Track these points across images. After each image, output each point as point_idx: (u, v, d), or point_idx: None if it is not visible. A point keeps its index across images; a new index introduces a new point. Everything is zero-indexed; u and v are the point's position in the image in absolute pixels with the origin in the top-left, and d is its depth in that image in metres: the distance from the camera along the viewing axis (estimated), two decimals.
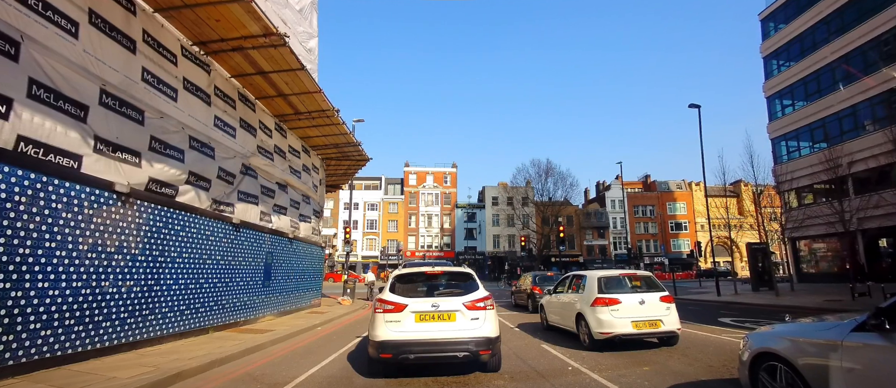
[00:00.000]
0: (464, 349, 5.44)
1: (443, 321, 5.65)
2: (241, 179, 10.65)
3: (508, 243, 60.52)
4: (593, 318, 7.59)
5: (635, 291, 8.00)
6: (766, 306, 16.67)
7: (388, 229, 58.83)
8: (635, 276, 8.64)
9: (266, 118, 12.11)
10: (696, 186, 71.31)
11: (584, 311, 7.93)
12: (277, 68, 9.75)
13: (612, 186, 68.01)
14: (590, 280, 8.33)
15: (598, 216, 65.07)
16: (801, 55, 28.16)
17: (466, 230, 59.81)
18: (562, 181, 57.43)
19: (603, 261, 63.24)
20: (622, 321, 7.40)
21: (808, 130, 27.18)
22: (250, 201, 11.12)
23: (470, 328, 5.63)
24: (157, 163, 7.68)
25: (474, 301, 5.82)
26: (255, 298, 11.28)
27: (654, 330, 7.49)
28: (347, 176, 20.91)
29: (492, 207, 61.02)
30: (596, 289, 7.91)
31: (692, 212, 69.45)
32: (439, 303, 5.78)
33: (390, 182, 61.98)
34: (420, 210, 59.85)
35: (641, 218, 67.70)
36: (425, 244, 59.03)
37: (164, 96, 7.97)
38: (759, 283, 24.48)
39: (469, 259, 57.90)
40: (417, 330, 5.56)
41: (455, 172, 62.19)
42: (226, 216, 9.96)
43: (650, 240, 66.99)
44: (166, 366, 6.04)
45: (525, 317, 13.57)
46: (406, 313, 5.64)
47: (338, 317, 13.54)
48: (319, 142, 15.25)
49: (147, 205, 7.54)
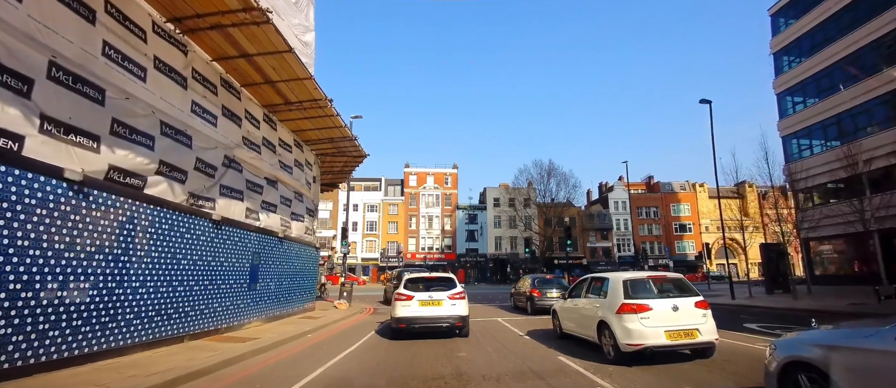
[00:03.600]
0: (446, 322, 9.29)
1: (435, 306, 9.39)
2: (223, 173, 9.74)
3: (510, 245, 59.55)
4: (620, 327, 6.64)
5: (666, 295, 7.01)
6: (789, 310, 15.73)
7: (388, 230, 57.90)
8: (665, 278, 7.60)
9: (253, 108, 11.22)
10: (699, 187, 70.41)
11: (607, 319, 7.00)
12: (262, 50, 8.86)
13: (615, 187, 67.06)
14: (614, 284, 7.37)
15: (601, 218, 64.10)
16: (812, 51, 27.23)
17: (468, 232, 58.85)
18: (564, 182, 56.55)
19: (606, 263, 62.21)
20: (654, 331, 6.43)
21: (822, 127, 26.22)
22: (234, 197, 10.21)
23: (450, 310, 9.36)
24: (120, 149, 6.77)
25: (453, 294, 9.60)
26: (240, 302, 10.35)
27: (691, 341, 6.52)
28: (344, 174, 20.01)
29: (493, 208, 60.07)
30: (622, 294, 6.96)
31: (696, 213, 68.52)
32: (433, 295, 9.54)
33: (390, 183, 61.09)
34: (420, 212, 58.92)
35: (645, 219, 66.72)
36: (426, 246, 58.07)
37: (131, 75, 7.07)
38: (774, 285, 23.51)
39: (470, 261, 56.98)
40: (420, 311, 9.32)
41: (456, 174, 61.30)
42: (205, 212, 9.04)
43: (654, 242, 65.99)
44: (118, 384, 5.12)
45: (530, 322, 12.74)
46: (414, 301, 9.40)
47: (332, 323, 12.60)
48: (313, 136, 14.35)
49: (107, 196, 6.63)
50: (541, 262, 55.55)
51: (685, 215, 68.10)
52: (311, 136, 14.33)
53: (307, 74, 9.91)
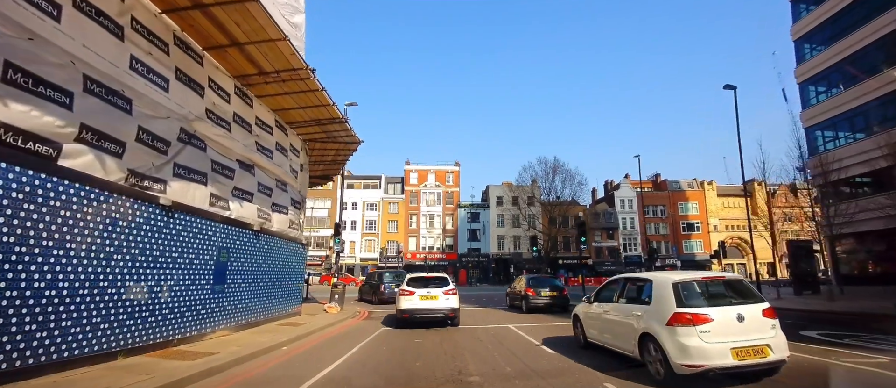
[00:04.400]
0: (441, 313, 11.34)
1: (432, 300, 11.40)
2: (179, 149, 8.04)
3: (514, 245, 57.75)
4: (672, 343, 5.37)
5: (726, 301, 5.70)
6: (835, 314, 13.99)
7: (387, 229, 56.17)
8: (721, 280, 6.21)
9: (221, 78, 9.52)
10: (707, 185, 68.56)
11: (654, 331, 5.69)
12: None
13: (621, 185, 65.28)
14: (660, 287, 6.00)
15: (607, 217, 62.27)
16: (839, 36, 25.44)
17: (470, 231, 57.06)
18: (570, 179, 54.69)
19: (612, 263, 60.46)
20: (718, 348, 5.14)
21: (854, 115, 24.38)
22: (195, 180, 8.51)
23: (445, 303, 11.39)
24: (16, 102, 5.07)
25: (447, 290, 11.63)
26: (201, 307, 8.64)
27: (762, 360, 5.19)
28: (337, 164, 18.29)
29: (496, 207, 58.29)
30: (672, 300, 5.64)
31: (704, 212, 66.70)
32: (431, 291, 11.54)
33: (390, 181, 59.37)
34: (421, 210, 57.17)
35: (652, 218, 64.90)
36: (427, 246, 56.30)
37: (37, 10, 5.37)
38: (803, 286, 21.72)
39: (472, 261, 55.21)
40: (421, 304, 11.31)
41: (458, 171, 59.55)
42: (151, 196, 7.33)
43: (662, 241, 64.17)
44: None
45: (545, 328, 11.37)
46: (415, 295, 11.40)
47: (317, 330, 10.90)
48: (297, 117, 12.65)
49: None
50: (546, 262, 53.77)
51: (693, 213, 66.29)
52: (295, 116, 12.63)
53: (280, 33, 8.19)
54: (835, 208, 20.96)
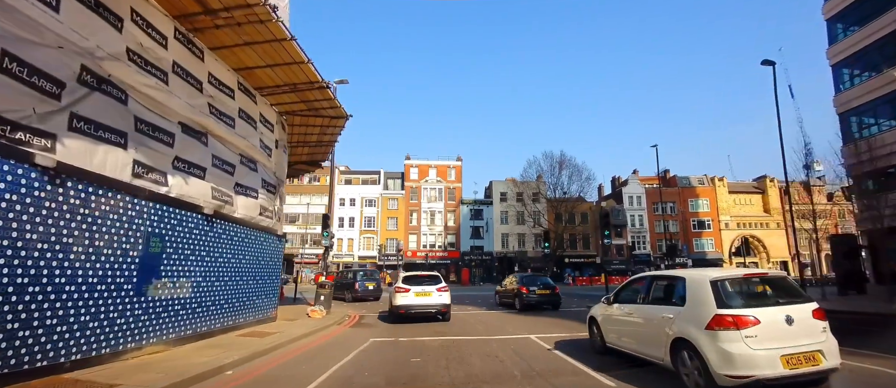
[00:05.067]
0: (435, 309, 12.15)
1: (426, 296, 12.16)
2: (81, 95, 5.82)
3: (518, 243, 55.44)
4: (714, 349, 4.76)
5: (772, 302, 5.16)
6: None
7: (387, 226, 53.91)
8: (763, 277, 5.64)
9: (152, 13, 7.29)
10: (718, 181, 66.12)
11: (690, 336, 5.08)
12: None
13: (629, 181, 62.95)
14: (696, 285, 5.39)
15: (615, 213, 59.84)
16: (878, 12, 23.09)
17: (472, 229, 54.73)
18: (577, 175, 52.42)
19: (620, 262, 58.17)
20: (766, 355, 4.57)
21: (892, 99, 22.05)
22: (107, 140, 6.28)
23: (437, 299, 12.20)
24: None
25: (439, 288, 12.43)
26: (116, 315, 6.41)
27: (814, 369, 4.63)
28: (324, 146, 16.03)
29: (500, 203, 55.98)
30: (712, 300, 5.05)
31: (715, 209, 64.31)
32: (425, 288, 12.31)
33: (390, 176, 57.12)
34: (422, 207, 54.89)
35: (661, 215, 62.40)
36: (427, 244, 53.99)
37: None
38: (847, 285, 19.41)
39: (475, 260, 52.90)
40: (416, 300, 12.04)
41: (460, 166, 57.25)
42: (24, 151, 5.11)
43: (671, 239, 61.74)
44: None
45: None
46: (411, 292, 12.10)
47: (287, 343, 8.69)
48: (266, 79, 10.42)
49: None
50: (552, 260, 51.51)
51: (704, 210, 63.88)
52: (263, 79, 10.40)
53: None
54: (884, 198, 18.61)
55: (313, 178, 54.77)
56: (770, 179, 71.08)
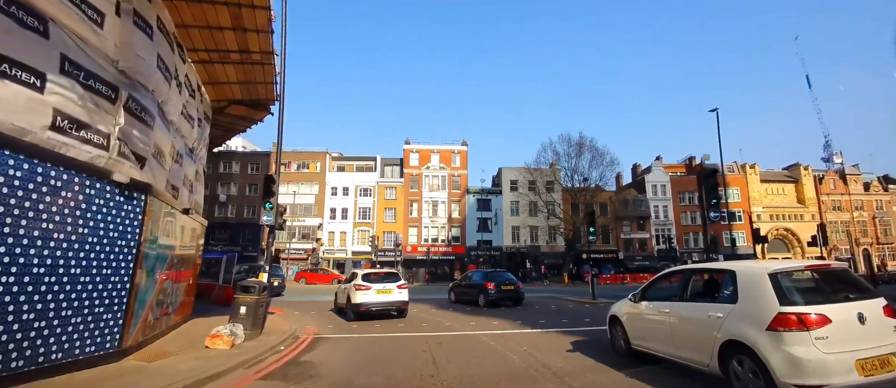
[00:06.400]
0: (395, 306, 12.28)
1: (387, 294, 12.13)
2: None
3: (530, 236, 49.86)
4: (779, 354, 4.04)
5: (841, 297, 4.37)
6: None
7: (384, 218, 48.44)
8: (826, 269, 4.84)
9: None
10: (750, 168, 60.22)
11: (747, 338, 4.31)
12: None
13: (653, 169, 57.19)
14: (750, 279, 4.60)
15: (637, 204, 54.16)
16: None
17: (479, 221, 49.17)
18: (598, 159, 46.65)
19: (644, 258, 52.50)
20: (840, 360, 3.90)
21: None
22: None
23: (398, 296, 12.25)
24: None
25: (398, 285, 12.47)
26: None
27: (889, 376, 3.89)
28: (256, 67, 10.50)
29: (510, 192, 50.39)
30: (772, 296, 4.29)
31: (747, 199, 58.48)
32: (386, 286, 12.23)
33: (387, 163, 51.61)
34: (423, 196, 49.37)
35: (687, 206, 56.76)
36: (429, 237, 48.47)
37: None
38: None
39: (483, 256, 47.35)
40: (377, 298, 11.97)
41: (465, 151, 51.68)
42: None
43: (698, 232, 56.01)
44: None
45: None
46: (372, 290, 11.98)
47: None
48: None
49: None
50: (570, 256, 45.98)
51: (734, 201, 58.01)
52: None
53: None
54: None
55: (302, 164, 49.41)
56: (804, 166, 65.28)
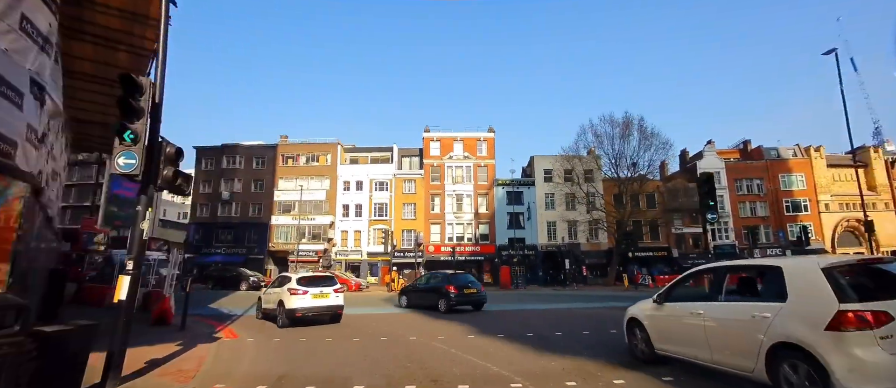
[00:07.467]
0: (331, 311, 11.96)
1: (324, 298, 11.76)
2: None
3: (568, 233, 43.86)
4: (841, 357, 3.76)
5: None
6: None
7: (403, 215, 43.08)
8: (880, 263, 4.71)
9: None
10: (815, 151, 52.84)
11: (802, 339, 4.08)
12: None
13: (704, 155, 50.51)
14: (801, 275, 4.44)
15: (689, 195, 47.54)
16: None
17: (510, 216, 43.39)
18: (646, 142, 40.36)
19: (698, 256, 45.88)
20: None
21: None
22: None
23: (334, 301, 11.97)
24: None
25: (335, 289, 12.14)
26: None
27: None
28: None
29: (544, 183, 44.48)
30: (830, 292, 4.07)
31: (813, 187, 51.16)
32: (322, 290, 11.83)
33: (405, 154, 46.24)
34: (446, 189, 43.82)
35: (745, 196, 49.92)
36: (454, 236, 42.91)
37: None
38: None
39: (516, 256, 41.50)
40: (313, 302, 11.52)
41: (492, 138, 45.91)
42: None
43: (759, 224, 49.16)
44: None
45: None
46: (308, 294, 11.49)
47: None
48: None
49: None
50: (617, 255, 39.86)
51: (798, 188, 50.89)
52: None
53: None
54: None
55: (311, 157, 44.37)
56: (874, 148, 57.55)
